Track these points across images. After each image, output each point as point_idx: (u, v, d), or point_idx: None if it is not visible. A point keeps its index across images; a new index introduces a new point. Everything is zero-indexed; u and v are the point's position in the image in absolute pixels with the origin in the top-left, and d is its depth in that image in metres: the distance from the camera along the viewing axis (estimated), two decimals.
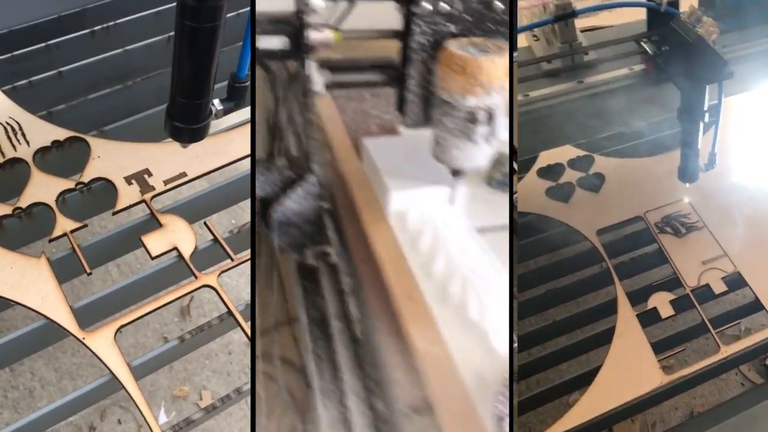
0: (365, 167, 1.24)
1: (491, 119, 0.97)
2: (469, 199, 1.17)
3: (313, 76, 1.01)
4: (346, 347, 1.03)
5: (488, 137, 0.99)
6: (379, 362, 0.98)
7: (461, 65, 0.94)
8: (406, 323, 0.96)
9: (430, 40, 1.00)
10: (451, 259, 1.00)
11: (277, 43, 0.99)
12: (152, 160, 1.21)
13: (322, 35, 0.99)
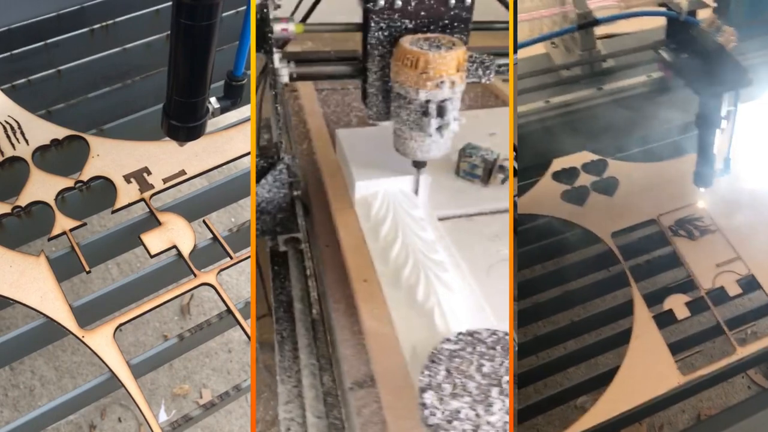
0: (338, 157, 1.27)
1: (443, 112, 0.99)
2: (437, 188, 1.20)
3: (278, 68, 1.02)
4: (305, 328, 1.05)
5: (441, 129, 1.01)
6: (333, 341, 1.01)
7: (412, 60, 0.97)
8: (359, 304, 0.99)
9: (385, 35, 1.02)
10: (407, 245, 1.05)
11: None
12: (151, 158, 1.22)
13: (285, 28, 1.00)
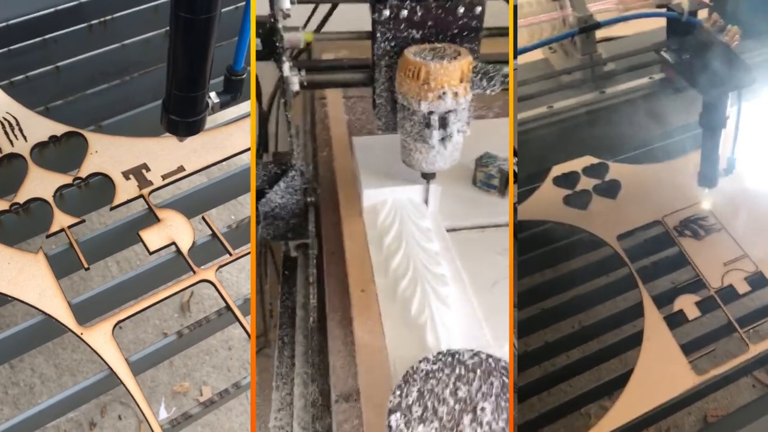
0: (353, 165, 1.25)
1: (445, 124, 0.98)
2: (450, 198, 1.17)
3: (287, 76, 1.01)
4: (303, 335, 1.05)
5: (444, 141, 0.99)
6: (325, 350, 1.00)
7: (414, 70, 0.95)
8: (353, 314, 0.98)
9: (392, 45, 1.00)
10: (409, 256, 1.02)
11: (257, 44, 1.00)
12: (150, 154, 1.21)
13: (295, 37, 0.99)
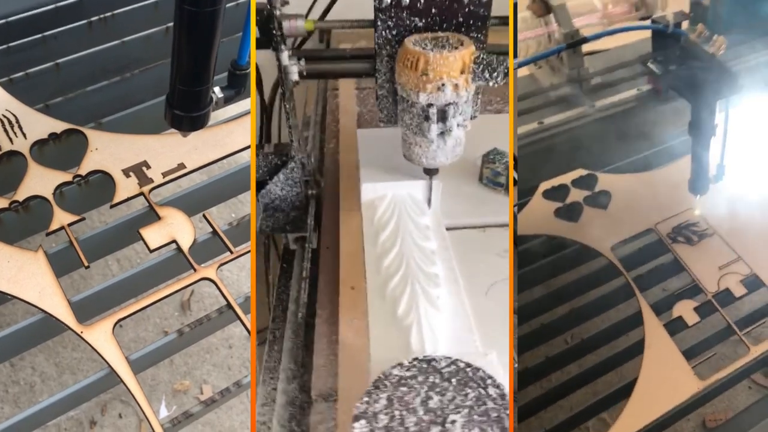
0: (358, 157, 1.22)
1: (444, 117, 0.92)
2: (455, 195, 1.14)
3: (286, 65, 0.99)
4: (292, 330, 1.03)
5: (444, 136, 0.94)
6: (311, 348, 0.98)
7: (412, 60, 0.89)
8: (340, 312, 0.96)
9: (393, 33, 0.94)
10: (402, 254, 0.99)
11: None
12: (150, 152, 1.20)
13: (294, 25, 0.95)
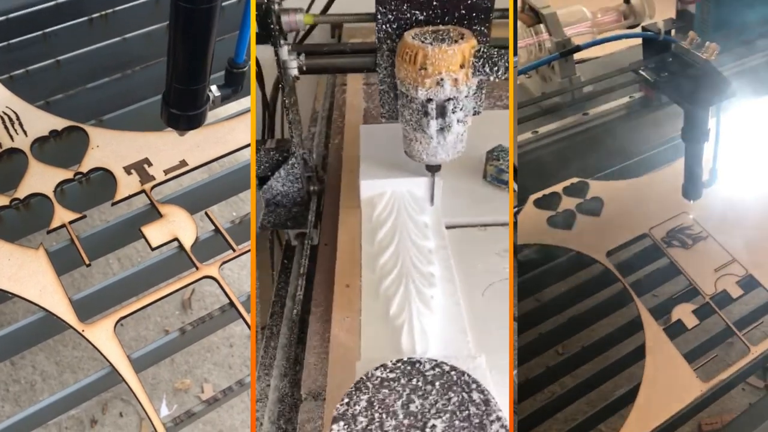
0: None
1: (444, 113, 0.89)
2: (457, 192, 1.13)
3: (285, 60, 0.97)
4: (288, 327, 1.03)
5: (444, 131, 0.91)
6: (304, 345, 0.98)
7: (411, 54, 0.86)
8: (333, 310, 0.95)
9: (394, 27, 0.92)
10: (398, 252, 0.98)
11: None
12: (152, 149, 1.20)
13: (293, 19, 0.94)
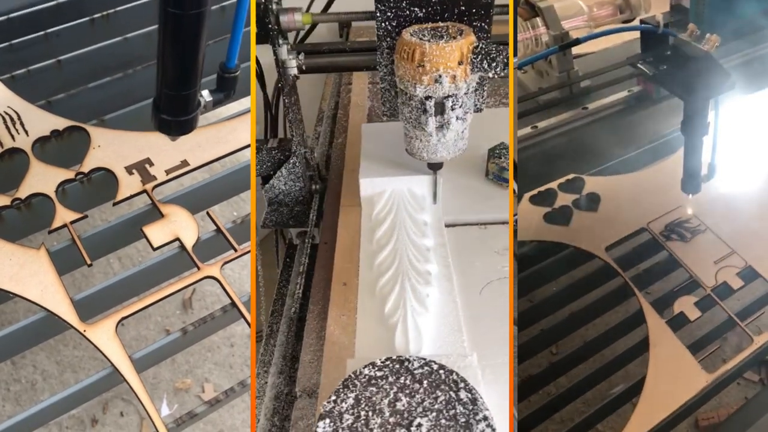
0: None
1: (442, 110, 0.89)
2: (459, 190, 1.13)
3: (285, 60, 0.97)
4: (286, 324, 1.03)
5: (443, 129, 0.91)
6: (301, 343, 0.98)
7: (408, 52, 0.86)
8: (330, 308, 0.95)
9: (393, 24, 0.92)
10: (396, 251, 0.98)
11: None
12: (153, 149, 1.19)
13: (291, 18, 0.94)
